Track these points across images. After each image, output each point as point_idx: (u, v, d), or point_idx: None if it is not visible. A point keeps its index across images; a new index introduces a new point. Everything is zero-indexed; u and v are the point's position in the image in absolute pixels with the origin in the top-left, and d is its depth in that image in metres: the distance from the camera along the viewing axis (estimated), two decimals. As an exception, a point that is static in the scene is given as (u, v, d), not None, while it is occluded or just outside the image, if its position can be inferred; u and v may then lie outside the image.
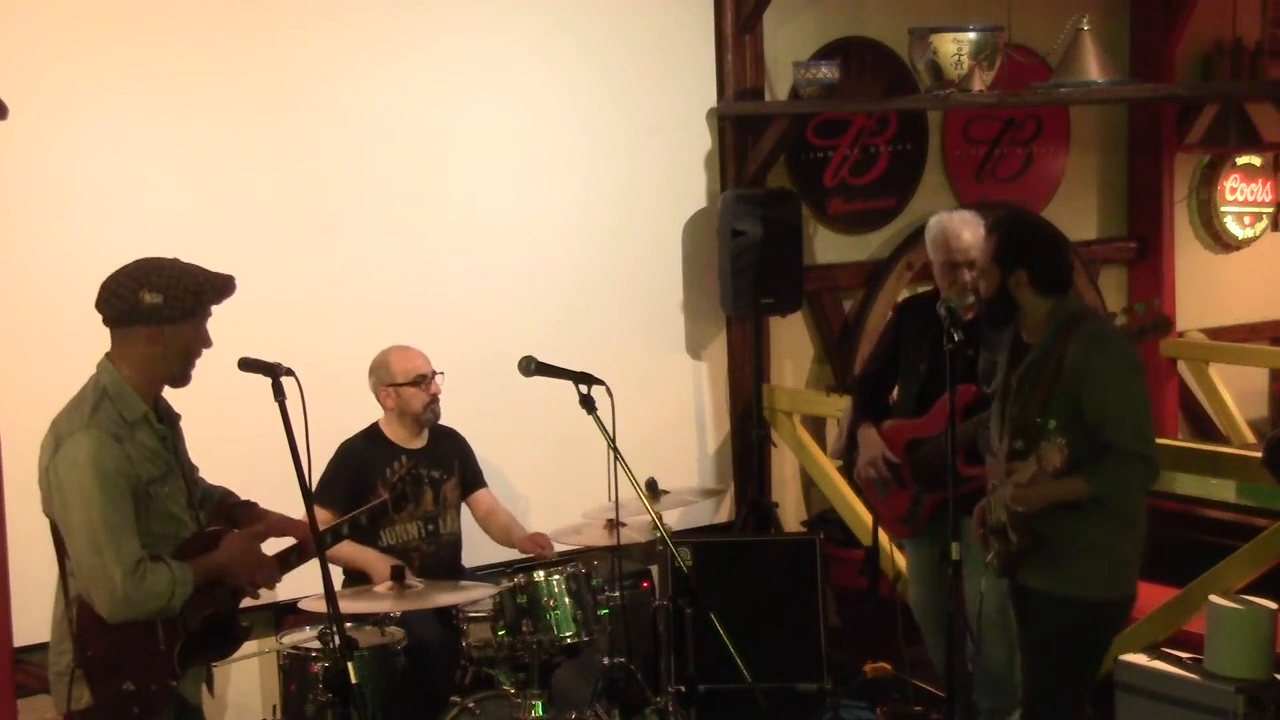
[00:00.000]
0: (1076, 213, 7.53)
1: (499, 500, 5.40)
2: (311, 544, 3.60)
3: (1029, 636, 4.24)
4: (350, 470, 5.06)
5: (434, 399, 5.15)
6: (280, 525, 3.78)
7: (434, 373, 5.16)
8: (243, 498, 3.86)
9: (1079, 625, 4.09)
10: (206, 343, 3.51)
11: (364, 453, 5.11)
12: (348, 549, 4.82)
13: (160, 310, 3.39)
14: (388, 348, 5.18)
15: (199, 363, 3.54)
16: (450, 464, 5.24)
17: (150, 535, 3.40)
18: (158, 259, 3.48)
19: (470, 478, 5.33)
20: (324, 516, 4.77)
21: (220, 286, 3.50)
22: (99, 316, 3.47)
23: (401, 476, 4.33)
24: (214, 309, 3.52)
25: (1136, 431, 3.96)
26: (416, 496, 5.02)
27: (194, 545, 3.51)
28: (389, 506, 4.22)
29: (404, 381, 5.10)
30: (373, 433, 5.17)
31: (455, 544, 5.25)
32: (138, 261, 3.47)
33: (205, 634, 3.50)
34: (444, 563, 5.13)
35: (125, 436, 3.38)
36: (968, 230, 4.74)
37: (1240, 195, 8.10)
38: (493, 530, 5.34)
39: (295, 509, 4.02)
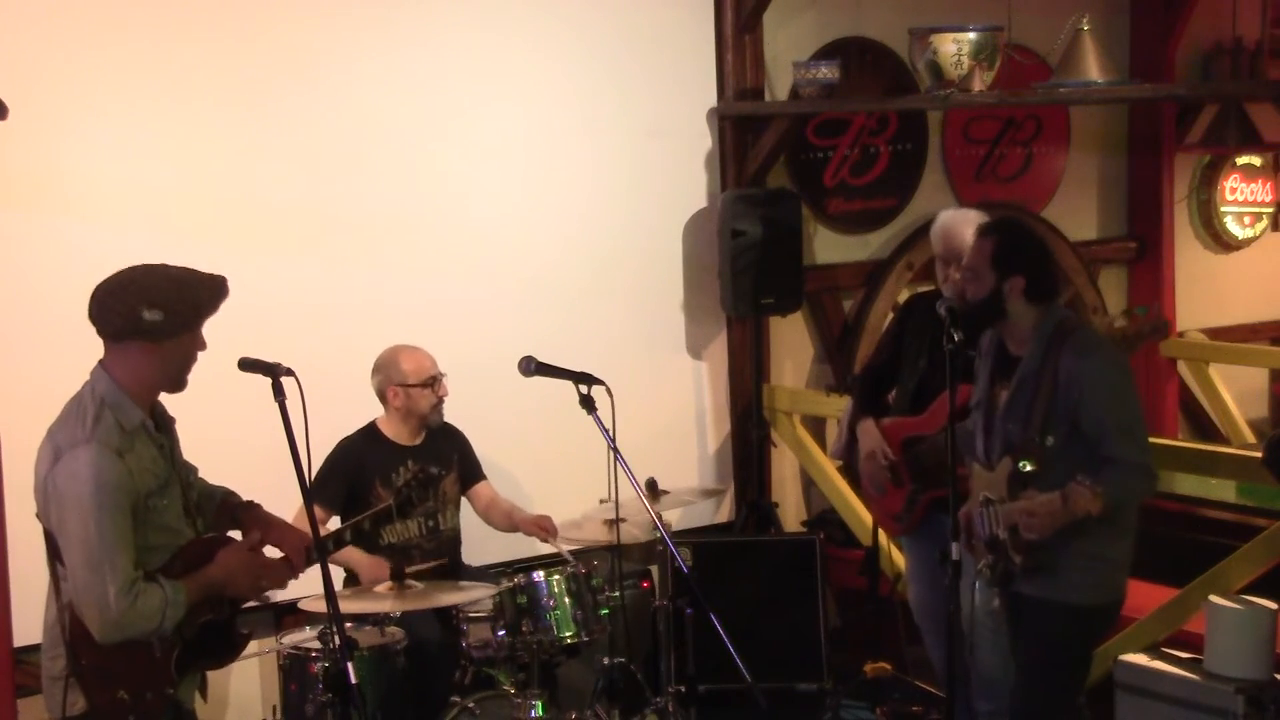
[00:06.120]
0: (1076, 213, 7.53)
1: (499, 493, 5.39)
2: (301, 556, 3.57)
3: (1020, 641, 4.23)
4: (347, 469, 5.04)
5: (441, 400, 5.14)
6: (277, 534, 3.68)
7: (442, 374, 5.16)
8: (244, 498, 3.82)
9: (1071, 630, 4.09)
10: (201, 347, 3.47)
11: (362, 452, 5.09)
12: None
13: (161, 327, 3.32)
14: (394, 346, 5.16)
15: (199, 362, 3.50)
16: (449, 460, 5.22)
17: (147, 548, 3.36)
18: (149, 269, 3.39)
19: (469, 472, 5.31)
20: (318, 515, 4.78)
21: (215, 292, 3.42)
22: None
23: (407, 481, 4.31)
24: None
25: (1138, 444, 3.96)
26: (435, 497, 4.96)
27: (190, 554, 3.46)
28: (394, 512, 4.19)
29: (415, 382, 5.08)
30: (371, 431, 5.15)
31: (455, 540, 5.24)
32: (131, 273, 3.38)
33: (202, 641, 3.47)
34: (444, 559, 5.13)
35: (126, 449, 3.33)
36: (969, 228, 4.72)
37: (1240, 195, 8.11)
38: (495, 519, 5.32)
39: (294, 509, 4.01)
